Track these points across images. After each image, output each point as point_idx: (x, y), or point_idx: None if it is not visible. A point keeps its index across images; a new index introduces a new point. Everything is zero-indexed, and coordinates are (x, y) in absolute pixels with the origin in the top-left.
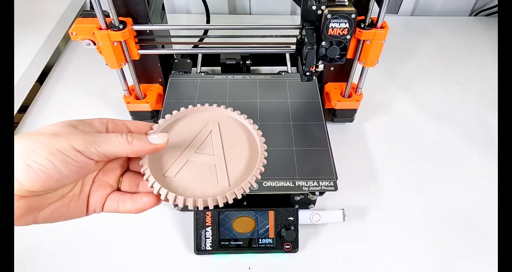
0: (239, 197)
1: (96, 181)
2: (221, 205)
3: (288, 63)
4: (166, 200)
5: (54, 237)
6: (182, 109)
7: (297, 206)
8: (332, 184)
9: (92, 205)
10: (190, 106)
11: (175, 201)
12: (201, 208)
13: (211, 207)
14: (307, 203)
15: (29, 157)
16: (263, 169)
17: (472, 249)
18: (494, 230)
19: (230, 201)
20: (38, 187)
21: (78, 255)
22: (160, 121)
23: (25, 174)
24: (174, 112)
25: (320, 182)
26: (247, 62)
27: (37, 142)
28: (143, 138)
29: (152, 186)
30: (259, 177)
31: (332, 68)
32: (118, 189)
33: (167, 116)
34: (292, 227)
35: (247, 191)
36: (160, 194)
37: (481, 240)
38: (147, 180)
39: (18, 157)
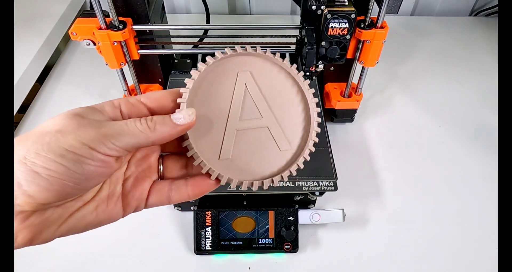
0: (308, 158)
1: (130, 176)
2: (286, 179)
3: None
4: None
5: None
6: (200, 65)
7: (297, 206)
8: (332, 184)
9: (132, 204)
10: (209, 58)
11: (237, 185)
12: (266, 187)
13: (275, 184)
14: (307, 203)
15: (35, 163)
16: (319, 119)
17: (472, 249)
18: (494, 230)
19: (301, 166)
20: (52, 197)
21: (78, 255)
22: (183, 90)
23: (34, 184)
24: (194, 72)
25: (320, 182)
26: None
27: (42, 143)
28: (167, 120)
29: (207, 172)
30: (319, 130)
31: (332, 68)
32: (159, 178)
33: (188, 80)
34: (292, 227)
35: (313, 150)
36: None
37: (481, 240)
38: (200, 166)
39: (21, 163)
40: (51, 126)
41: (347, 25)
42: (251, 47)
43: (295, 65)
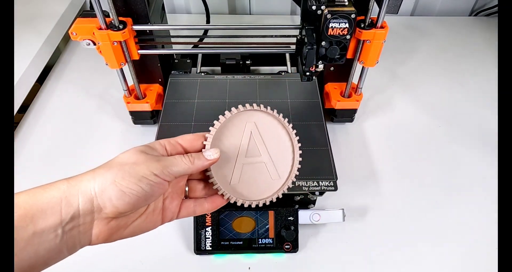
0: (290, 186)
1: (167, 196)
2: (274, 200)
3: (288, 63)
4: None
5: None
6: (221, 117)
7: (297, 206)
8: (332, 184)
9: (169, 215)
10: (227, 112)
11: (243, 204)
12: (260, 205)
13: (267, 203)
14: (307, 203)
15: (122, 184)
16: (301, 158)
17: (472, 249)
18: (494, 230)
19: (285, 191)
20: (129, 208)
21: (78, 255)
22: (207, 134)
23: (120, 199)
24: (216, 122)
25: (320, 182)
26: (247, 62)
27: (124, 171)
28: (201, 156)
29: (222, 194)
30: (299, 166)
31: (332, 68)
32: (185, 197)
33: (212, 128)
34: (292, 227)
35: (294, 180)
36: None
37: (481, 240)
38: (217, 189)
39: (112, 185)
40: (127, 159)
41: (347, 25)
42: (257, 105)
43: (287, 119)
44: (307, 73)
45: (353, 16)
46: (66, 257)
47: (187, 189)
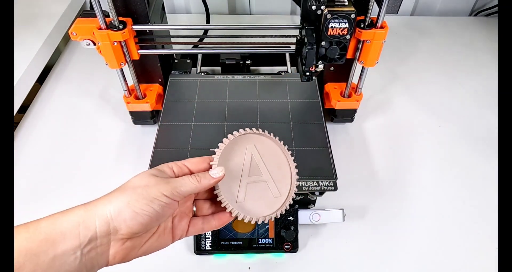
0: (291, 203)
1: (176, 215)
2: (278, 217)
3: (288, 63)
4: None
5: None
6: (224, 140)
7: (297, 206)
8: (332, 184)
9: (178, 234)
10: (229, 135)
11: (250, 220)
12: (266, 221)
13: (272, 219)
14: (307, 203)
15: (136, 206)
16: (297, 176)
17: (472, 249)
18: (494, 230)
19: (287, 208)
20: (143, 228)
21: None
22: (214, 156)
23: (134, 220)
24: (220, 145)
25: (320, 182)
26: (247, 62)
27: (137, 194)
28: (207, 175)
29: (230, 211)
30: (298, 183)
31: (332, 68)
32: (193, 215)
33: (217, 150)
34: (292, 227)
35: (294, 197)
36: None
37: (481, 240)
38: (225, 207)
39: (126, 207)
40: (139, 182)
41: (347, 25)
42: (256, 129)
43: (282, 141)
44: (307, 73)
45: (353, 16)
46: None
47: (194, 208)
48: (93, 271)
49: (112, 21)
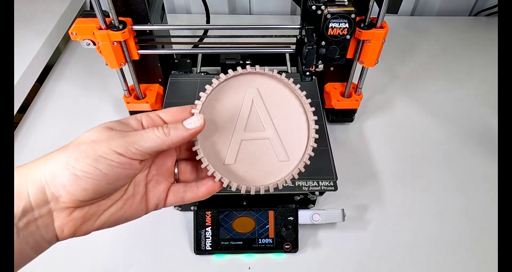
0: (303, 170)
1: (151, 179)
2: (280, 187)
3: (288, 63)
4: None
5: None
6: (214, 80)
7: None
8: (332, 184)
9: (153, 202)
10: (222, 75)
11: (237, 189)
12: (262, 192)
13: (271, 191)
14: (307, 203)
15: (75, 167)
16: (317, 136)
17: (472, 249)
18: (494, 230)
19: (296, 177)
20: (90, 195)
21: (78, 256)
22: (197, 101)
23: (75, 184)
24: (208, 87)
25: (320, 182)
26: (247, 62)
27: (80, 151)
28: (179, 126)
29: (212, 175)
30: (315, 145)
31: (332, 68)
32: (175, 181)
33: (202, 94)
34: (292, 227)
35: (308, 163)
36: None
37: (481, 240)
38: (206, 168)
39: (64, 169)
40: (87, 138)
41: (347, 25)
42: (260, 67)
43: (298, 85)
44: (307, 73)
45: (353, 16)
46: (34, 257)
47: (176, 171)
48: (41, 248)
49: (112, 21)
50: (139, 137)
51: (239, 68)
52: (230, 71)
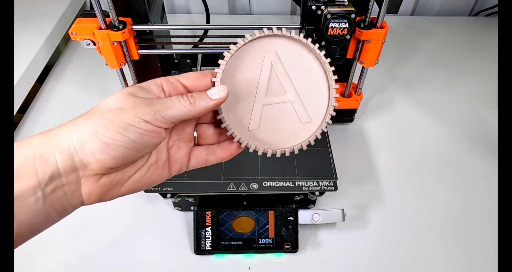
0: (326, 130)
1: (173, 144)
2: (304, 148)
3: None
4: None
5: (54, 237)
6: (232, 46)
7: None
8: (332, 184)
9: (175, 167)
10: (239, 40)
11: (263, 153)
12: (287, 154)
13: (296, 152)
14: (307, 203)
15: (105, 135)
16: (337, 95)
17: (472, 249)
18: (494, 230)
19: (319, 137)
20: (118, 162)
21: (78, 255)
22: (217, 69)
23: (105, 152)
24: (226, 54)
25: (320, 182)
26: None
27: (107, 119)
28: (204, 96)
29: (238, 141)
30: (337, 104)
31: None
32: (195, 145)
33: (221, 62)
34: (292, 227)
35: (330, 123)
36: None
37: (481, 240)
38: (231, 136)
39: (93, 136)
40: (112, 105)
41: (347, 25)
42: (277, 28)
43: (317, 45)
44: None
45: (353, 16)
46: (58, 220)
47: (196, 135)
48: (66, 212)
49: (112, 21)
50: (165, 105)
51: (256, 31)
52: (247, 35)
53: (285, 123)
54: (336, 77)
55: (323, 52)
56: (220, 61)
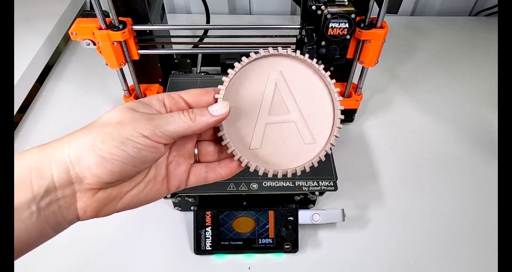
0: (329, 152)
1: (172, 160)
2: (307, 170)
3: None
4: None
5: (55, 237)
6: (236, 64)
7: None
8: (332, 184)
9: (174, 184)
10: (244, 58)
11: (264, 173)
12: (289, 175)
13: (298, 174)
14: (307, 203)
15: (102, 149)
16: (342, 116)
17: (472, 249)
18: (494, 230)
19: (323, 159)
20: (115, 177)
21: (78, 255)
22: (220, 86)
23: (101, 167)
24: (230, 71)
25: (320, 182)
26: None
27: (105, 133)
28: (205, 112)
29: (239, 160)
30: (341, 126)
31: (332, 68)
32: (195, 162)
33: (225, 79)
34: (292, 227)
35: (334, 145)
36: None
37: (481, 240)
38: (231, 154)
39: (90, 150)
40: (111, 119)
41: (347, 25)
42: (282, 48)
43: (322, 66)
44: None
45: (353, 16)
46: (53, 236)
47: (196, 152)
48: (61, 228)
49: (112, 21)
50: (165, 120)
51: (261, 50)
52: (252, 54)
53: (287, 143)
54: (341, 98)
55: (328, 73)
56: (223, 78)
